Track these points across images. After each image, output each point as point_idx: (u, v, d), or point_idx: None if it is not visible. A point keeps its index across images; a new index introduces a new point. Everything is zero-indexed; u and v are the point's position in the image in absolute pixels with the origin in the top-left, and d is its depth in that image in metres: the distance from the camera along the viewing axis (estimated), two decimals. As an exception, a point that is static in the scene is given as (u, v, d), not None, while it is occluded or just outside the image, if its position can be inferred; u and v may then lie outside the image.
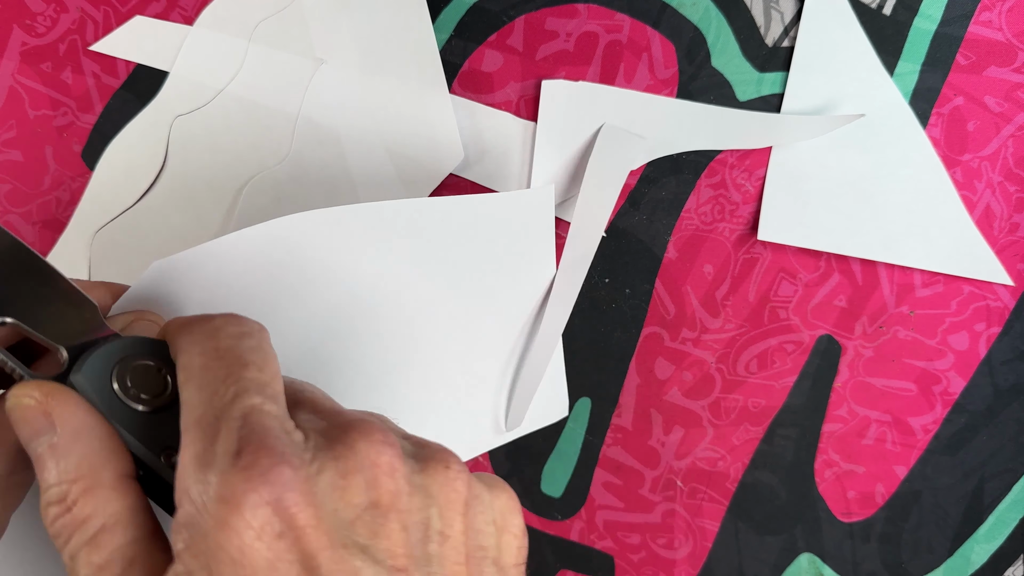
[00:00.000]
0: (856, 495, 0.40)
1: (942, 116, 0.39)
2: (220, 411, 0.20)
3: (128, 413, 0.22)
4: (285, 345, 0.30)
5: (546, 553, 0.41)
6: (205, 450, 0.19)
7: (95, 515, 0.20)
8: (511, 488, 0.23)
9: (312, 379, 0.27)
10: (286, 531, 0.18)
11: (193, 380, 0.21)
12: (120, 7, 0.39)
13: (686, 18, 0.39)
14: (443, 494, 0.21)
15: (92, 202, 0.40)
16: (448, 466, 0.21)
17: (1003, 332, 0.40)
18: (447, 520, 0.21)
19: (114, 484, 0.21)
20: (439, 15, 0.39)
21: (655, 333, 0.40)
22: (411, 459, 0.21)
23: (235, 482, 0.18)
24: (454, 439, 0.37)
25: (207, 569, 0.18)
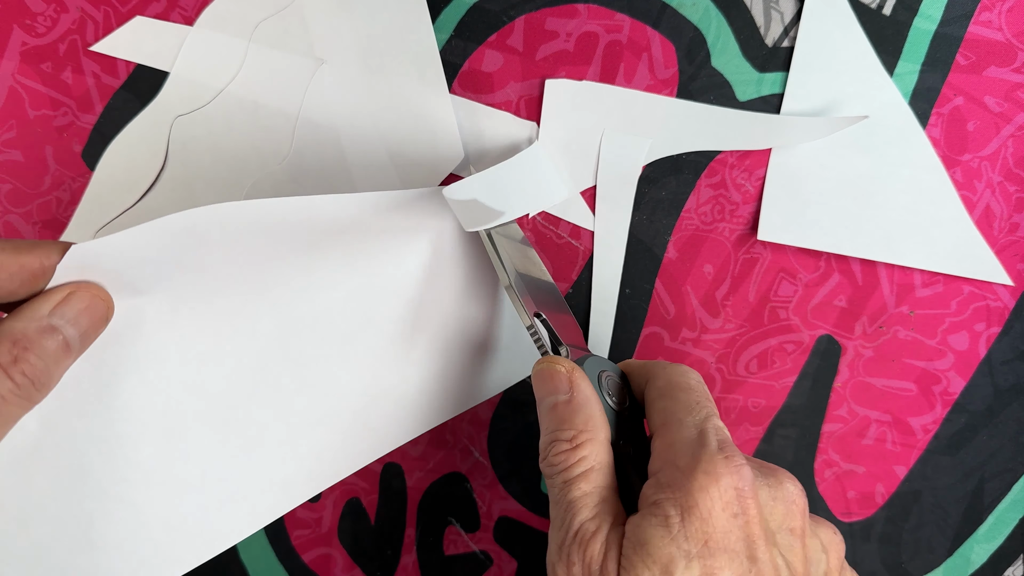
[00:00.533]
0: (856, 495, 0.40)
1: (942, 116, 0.39)
2: (701, 420, 0.28)
3: (605, 404, 0.30)
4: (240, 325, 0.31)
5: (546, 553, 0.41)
6: (693, 438, 0.27)
7: (590, 457, 0.28)
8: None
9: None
10: (740, 513, 0.25)
11: (669, 396, 0.29)
12: (120, 7, 0.39)
13: (686, 18, 0.39)
14: (831, 549, 0.29)
15: (92, 202, 0.40)
16: (836, 532, 0.29)
17: (1003, 332, 0.40)
18: (831, 569, 0.28)
19: (605, 443, 0.29)
20: (439, 15, 0.39)
21: (655, 333, 0.40)
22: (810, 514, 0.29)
23: (719, 463, 0.26)
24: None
25: (681, 516, 0.25)
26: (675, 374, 0.30)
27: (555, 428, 0.29)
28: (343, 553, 0.40)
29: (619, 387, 0.32)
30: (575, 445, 0.28)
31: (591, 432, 0.29)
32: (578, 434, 0.28)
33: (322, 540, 0.40)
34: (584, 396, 0.29)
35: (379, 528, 0.40)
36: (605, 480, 0.28)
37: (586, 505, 0.27)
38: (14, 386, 0.24)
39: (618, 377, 0.32)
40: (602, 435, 0.29)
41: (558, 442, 0.29)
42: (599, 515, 0.27)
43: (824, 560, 0.28)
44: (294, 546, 0.40)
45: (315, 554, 0.40)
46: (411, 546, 0.41)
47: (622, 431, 0.30)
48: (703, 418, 0.28)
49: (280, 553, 0.40)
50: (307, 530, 0.40)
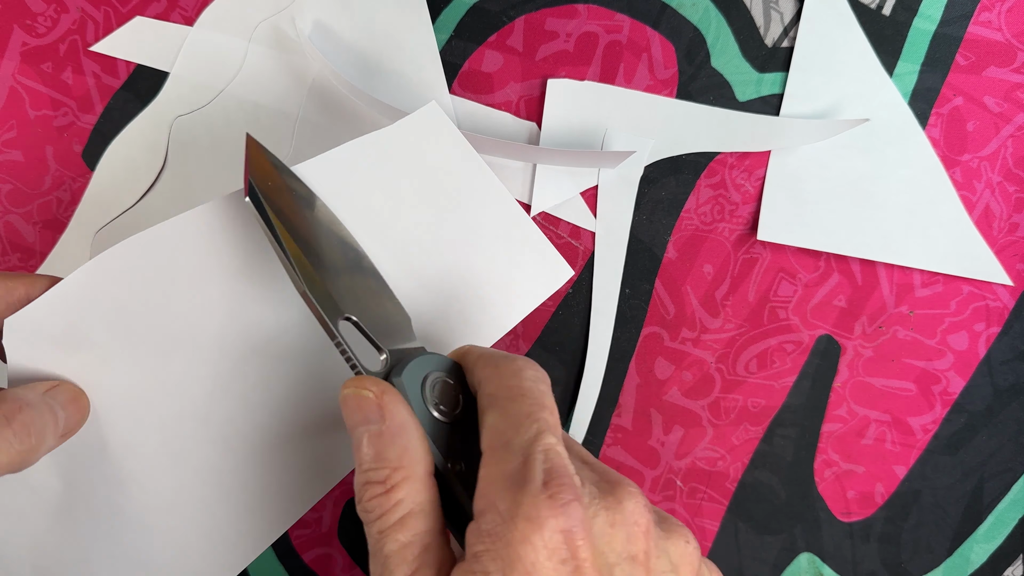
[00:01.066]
0: (856, 495, 0.40)
1: (941, 116, 0.39)
2: (527, 443, 0.23)
3: (430, 419, 0.26)
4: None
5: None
6: (515, 472, 0.23)
7: (407, 500, 0.24)
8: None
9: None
10: (569, 559, 0.22)
11: (498, 408, 0.25)
12: (120, 7, 0.39)
13: (686, 18, 0.39)
14: (682, 563, 0.25)
15: (92, 202, 0.40)
16: (687, 541, 0.26)
17: (1002, 332, 0.40)
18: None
19: (424, 478, 0.25)
20: (439, 15, 0.39)
21: (655, 333, 0.40)
22: (657, 527, 0.25)
23: (541, 505, 0.22)
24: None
25: (503, 572, 0.22)
26: (506, 375, 0.26)
27: (367, 467, 0.25)
28: (343, 553, 0.40)
29: (449, 391, 0.27)
30: (389, 487, 0.24)
31: (408, 468, 0.25)
32: (392, 472, 0.24)
33: (322, 540, 0.40)
34: (397, 424, 0.25)
35: (379, 528, 0.40)
36: (426, 524, 0.24)
37: (403, 560, 0.24)
38: (11, 434, 0.25)
39: (449, 377, 0.27)
40: (420, 469, 0.25)
41: (370, 484, 0.25)
42: (418, 571, 0.24)
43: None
44: (294, 546, 0.40)
45: (315, 554, 0.40)
46: (411, 546, 0.41)
47: (453, 446, 0.26)
48: (531, 439, 0.24)
49: (280, 553, 0.40)
50: (307, 530, 0.40)
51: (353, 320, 0.27)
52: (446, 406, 0.26)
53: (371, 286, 0.29)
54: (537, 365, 0.26)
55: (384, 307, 0.29)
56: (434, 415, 0.26)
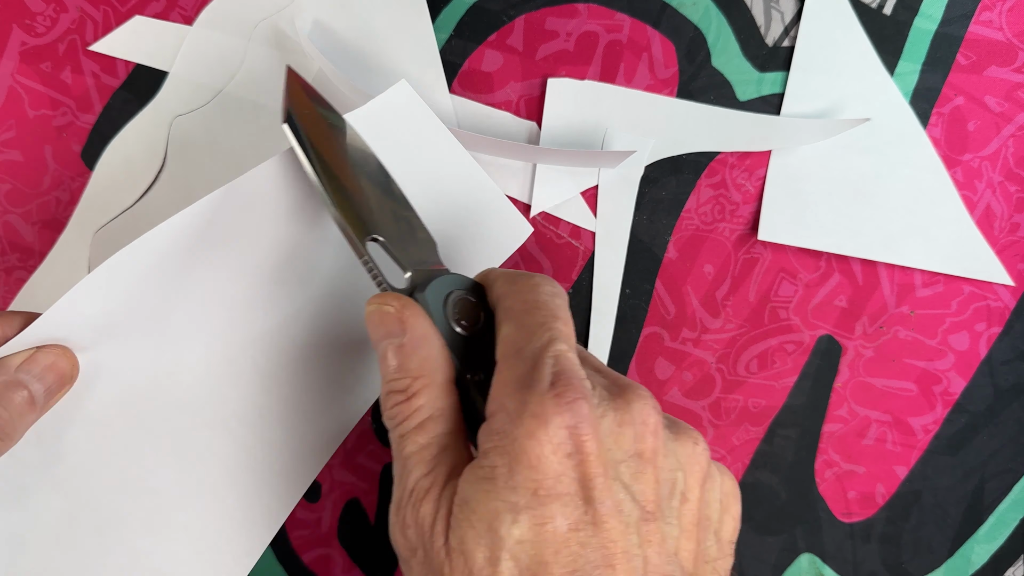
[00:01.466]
0: (856, 495, 0.40)
1: (942, 116, 0.39)
2: (538, 350, 0.24)
3: (451, 333, 0.27)
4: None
5: (546, 553, 0.41)
6: (525, 375, 0.24)
7: (426, 406, 0.25)
8: (735, 477, 0.27)
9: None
10: (574, 453, 0.23)
11: (514, 320, 0.26)
12: (119, 7, 0.39)
13: (686, 18, 0.39)
14: (690, 463, 0.25)
15: (91, 202, 0.40)
16: (696, 442, 0.26)
17: (1003, 332, 0.40)
18: (689, 485, 0.25)
19: (443, 385, 0.26)
20: (439, 15, 0.39)
21: (655, 333, 0.40)
22: (666, 429, 0.25)
23: (547, 403, 0.23)
24: None
25: (508, 467, 0.23)
26: (524, 289, 0.26)
27: (390, 377, 0.26)
28: (343, 554, 0.40)
29: (471, 307, 0.28)
30: (409, 395, 0.26)
31: (428, 376, 0.26)
32: (413, 381, 0.26)
33: (322, 540, 0.40)
34: (418, 335, 0.26)
35: (379, 528, 0.40)
36: (445, 427, 0.25)
37: (422, 460, 0.25)
38: None
39: (470, 295, 0.28)
40: (440, 377, 0.26)
41: (392, 393, 0.26)
42: (434, 471, 0.25)
43: (681, 478, 0.25)
44: (294, 547, 0.40)
45: (315, 554, 0.40)
46: (411, 546, 0.41)
47: (472, 358, 0.27)
48: (542, 345, 0.24)
49: (280, 554, 0.40)
50: (307, 530, 0.40)
51: (380, 240, 0.28)
52: (467, 321, 0.27)
53: (399, 210, 0.30)
54: (555, 282, 0.27)
55: (411, 230, 0.30)
56: (455, 329, 0.27)
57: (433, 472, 0.25)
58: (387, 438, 0.40)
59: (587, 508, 0.23)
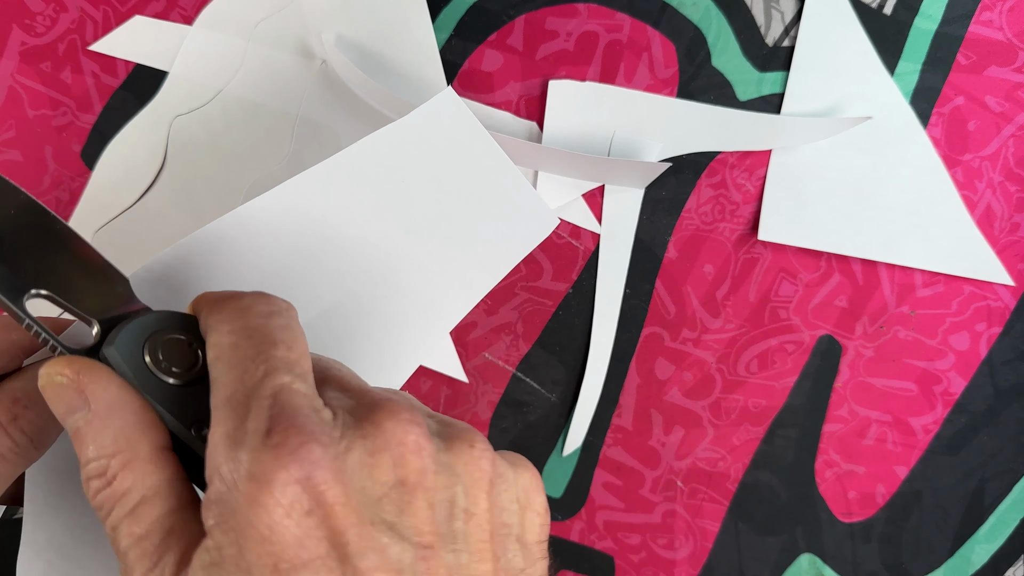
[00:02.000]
0: (856, 495, 0.40)
1: (943, 116, 0.39)
2: (250, 390, 0.20)
3: (160, 386, 0.22)
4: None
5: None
6: (236, 428, 0.20)
7: (134, 488, 0.21)
8: (533, 466, 0.23)
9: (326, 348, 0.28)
10: (315, 508, 0.19)
11: (223, 358, 0.21)
12: (119, 7, 0.39)
13: (686, 18, 0.39)
14: (468, 472, 0.21)
15: (91, 202, 0.40)
16: (473, 445, 0.21)
17: (1004, 332, 0.40)
18: (472, 498, 0.21)
19: (151, 457, 0.21)
20: (439, 15, 0.39)
21: (655, 333, 0.40)
22: (436, 437, 0.21)
23: (265, 460, 0.19)
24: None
25: (236, 545, 0.19)
26: (229, 317, 0.22)
27: (84, 460, 0.22)
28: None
29: (181, 349, 0.23)
30: (110, 478, 0.21)
31: (128, 450, 0.21)
32: (110, 461, 0.21)
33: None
34: (106, 405, 0.22)
35: (379, 529, 0.40)
36: (164, 507, 0.21)
37: (143, 554, 0.21)
38: (12, 444, 0.23)
39: (180, 332, 0.24)
40: (144, 448, 0.21)
41: (91, 480, 0.21)
42: (160, 562, 0.21)
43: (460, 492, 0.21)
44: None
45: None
46: (411, 547, 0.40)
47: (196, 409, 0.23)
48: (255, 384, 0.20)
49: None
50: (307, 531, 0.40)
51: (45, 294, 0.23)
52: (179, 366, 0.23)
53: (71, 252, 0.25)
54: (273, 297, 0.23)
55: (92, 271, 0.25)
56: (164, 379, 0.23)
57: (159, 566, 0.21)
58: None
59: (344, 569, 0.19)
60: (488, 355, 0.40)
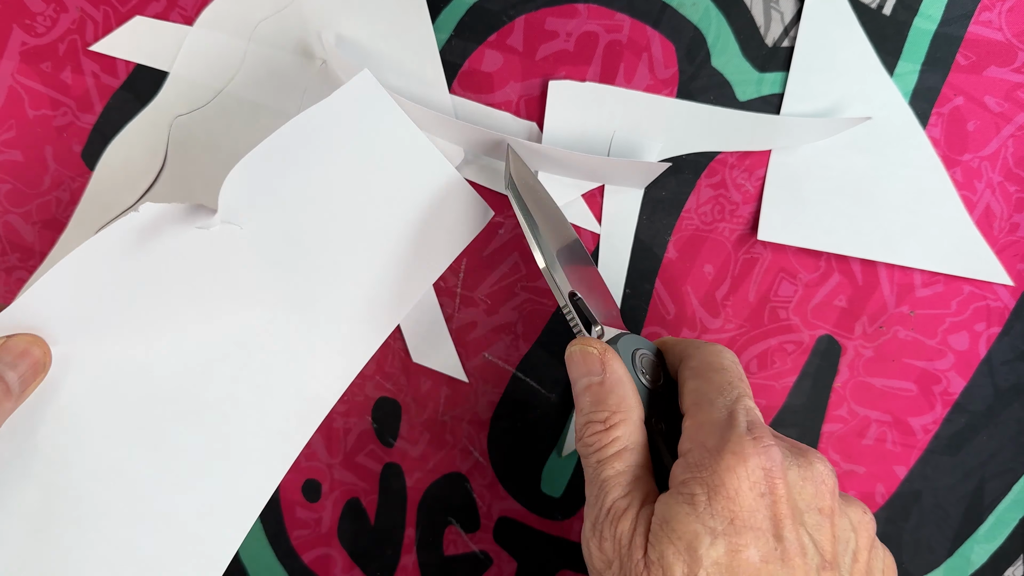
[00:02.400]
0: (856, 495, 0.40)
1: (942, 116, 0.39)
2: (730, 401, 0.28)
3: (638, 383, 0.31)
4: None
5: (546, 554, 0.41)
6: (723, 419, 0.27)
7: (623, 438, 0.29)
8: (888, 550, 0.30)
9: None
10: (767, 493, 0.26)
11: (701, 376, 0.30)
12: (120, 7, 0.39)
13: (686, 18, 0.39)
14: (860, 527, 0.28)
15: (92, 202, 0.40)
16: (865, 512, 0.29)
17: (1003, 332, 0.40)
18: (860, 546, 0.28)
19: (637, 423, 0.29)
20: (439, 15, 0.39)
21: (655, 333, 0.40)
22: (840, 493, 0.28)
23: (746, 444, 0.26)
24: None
25: (708, 495, 0.25)
26: (709, 354, 0.30)
27: (589, 409, 0.29)
28: (343, 553, 0.40)
29: (653, 365, 0.32)
30: (608, 426, 0.29)
31: (624, 413, 0.29)
32: (611, 415, 0.29)
33: (322, 540, 0.40)
34: (617, 377, 0.30)
35: (379, 528, 0.40)
36: (638, 459, 0.28)
37: (619, 484, 0.28)
38: None
39: (653, 355, 0.32)
40: (635, 415, 0.29)
41: (592, 423, 0.29)
42: (631, 493, 0.28)
43: (853, 539, 0.28)
44: (294, 546, 0.40)
45: (315, 554, 0.40)
46: (411, 546, 0.41)
47: (655, 409, 0.30)
48: (734, 399, 0.28)
49: (280, 553, 0.40)
50: (307, 530, 0.40)
51: (578, 297, 0.32)
52: (650, 376, 0.31)
53: (589, 272, 0.34)
54: (733, 352, 0.31)
55: (598, 292, 0.34)
56: (642, 381, 0.31)
57: (629, 495, 0.28)
58: (387, 438, 0.40)
59: (777, 544, 0.25)
60: (488, 355, 0.40)
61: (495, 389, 0.40)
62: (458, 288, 0.40)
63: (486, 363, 0.40)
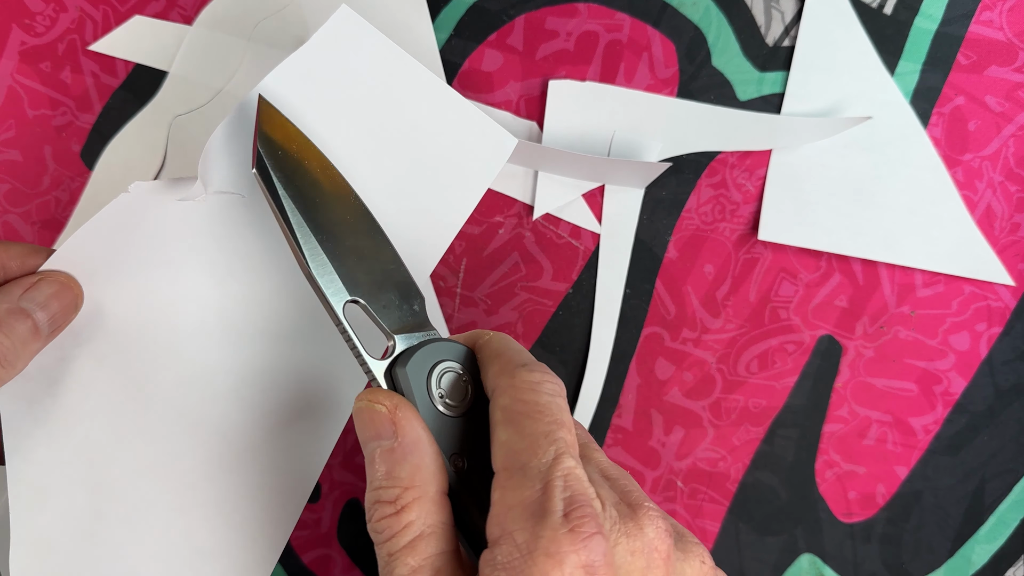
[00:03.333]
0: (857, 496, 0.40)
1: (943, 116, 0.39)
2: (545, 468, 0.23)
3: (434, 414, 0.25)
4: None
5: (546, 554, 0.41)
6: (534, 501, 0.22)
7: (417, 522, 0.24)
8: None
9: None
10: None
11: (513, 424, 0.24)
12: (119, 7, 0.39)
13: (686, 17, 0.39)
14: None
15: (91, 202, 0.40)
16: (703, 561, 0.25)
17: (1004, 332, 0.40)
18: None
19: (437, 499, 0.24)
20: (439, 14, 0.39)
21: (655, 333, 0.40)
22: (676, 550, 0.24)
23: (562, 540, 0.21)
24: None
25: None
26: (522, 388, 0.24)
27: (377, 484, 0.24)
28: (343, 554, 0.40)
29: (458, 383, 0.26)
30: (400, 508, 0.24)
31: (420, 487, 0.24)
32: (403, 492, 0.24)
33: (322, 541, 0.40)
34: (411, 440, 0.24)
35: (379, 529, 0.40)
36: (438, 547, 0.24)
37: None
38: None
39: (460, 365, 0.26)
40: (433, 488, 0.24)
41: (380, 504, 0.24)
42: None
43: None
44: (293, 547, 0.40)
45: (315, 555, 0.40)
46: (411, 547, 0.40)
47: (459, 441, 0.25)
48: (549, 463, 0.23)
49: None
50: (307, 531, 0.40)
51: (360, 303, 0.26)
52: (454, 399, 0.25)
53: (384, 264, 0.27)
54: (554, 376, 0.25)
55: (395, 284, 0.27)
56: (440, 410, 0.25)
57: None
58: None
59: None
60: (488, 355, 0.40)
61: (495, 389, 0.40)
62: (458, 288, 0.40)
63: (486, 363, 0.40)
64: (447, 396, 0.25)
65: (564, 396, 0.25)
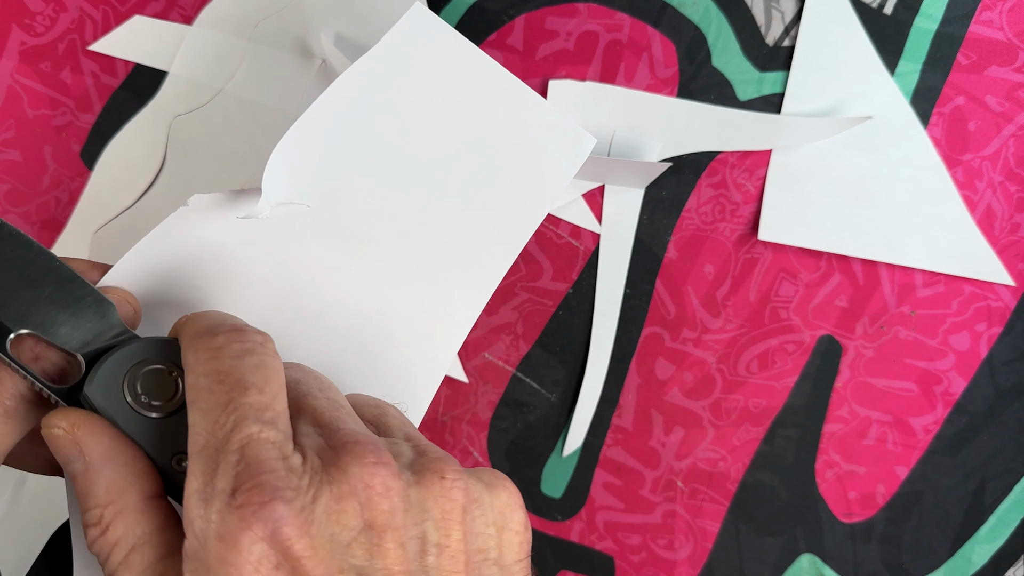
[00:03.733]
0: (857, 496, 0.40)
1: (943, 116, 0.39)
2: (220, 443, 0.20)
3: (140, 422, 0.23)
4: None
5: (546, 554, 0.41)
6: (205, 485, 0.20)
7: (125, 537, 0.22)
8: (511, 482, 0.23)
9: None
10: (283, 562, 0.19)
11: (197, 403, 0.21)
12: (119, 6, 0.39)
13: (686, 17, 0.39)
14: (439, 505, 0.22)
15: (91, 202, 0.40)
16: (444, 476, 0.22)
17: (1004, 332, 0.40)
18: (444, 531, 0.21)
19: (140, 506, 0.22)
20: (439, 14, 0.39)
21: (655, 333, 0.40)
22: (407, 471, 0.22)
23: (231, 521, 0.19)
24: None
25: None
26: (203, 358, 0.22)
27: (83, 508, 0.23)
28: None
29: (162, 379, 0.23)
30: (105, 527, 0.22)
31: (119, 500, 0.22)
32: (104, 510, 0.22)
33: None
34: (99, 456, 0.22)
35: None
36: (154, 554, 0.22)
37: None
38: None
39: (163, 361, 0.24)
40: (133, 498, 0.22)
41: (88, 528, 0.23)
42: None
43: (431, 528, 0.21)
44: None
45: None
46: (411, 547, 0.40)
47: (173, 439, 0.23)
48: (224, 436, 0.20)
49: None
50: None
51: (28, 333, 0.23)
52: (159, 398, 0.23)
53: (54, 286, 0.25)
54: (248, 331, 0.23)
55: (71, 300, 0.25)
56: (144, 414, 0.23)
57: None
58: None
59: None
60: (488, 355, 0.40)
61: (495, 389, 0.40)
62: (458, 288, 0.40)
63: (486, 363, 0.40)
64: (150, 397, 0.23)
65: (261, 350, 0.22)
